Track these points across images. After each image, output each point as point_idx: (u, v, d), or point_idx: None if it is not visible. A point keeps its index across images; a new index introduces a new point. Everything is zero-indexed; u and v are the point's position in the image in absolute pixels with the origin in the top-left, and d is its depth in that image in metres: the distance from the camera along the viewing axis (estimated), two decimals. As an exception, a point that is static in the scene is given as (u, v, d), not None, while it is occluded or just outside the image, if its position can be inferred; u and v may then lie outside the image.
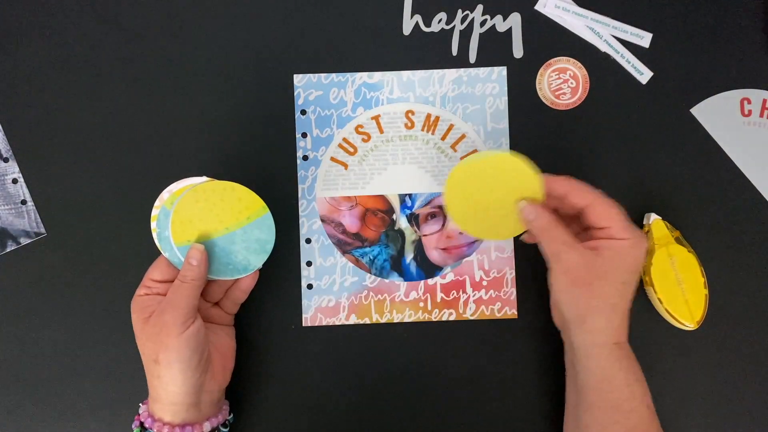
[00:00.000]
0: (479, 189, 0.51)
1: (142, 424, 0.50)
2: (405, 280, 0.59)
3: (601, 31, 0.59)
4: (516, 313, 0.58)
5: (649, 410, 0.50)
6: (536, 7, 0.60)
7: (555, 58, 0.59)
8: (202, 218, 0.51)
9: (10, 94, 0.59)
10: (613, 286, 0.49)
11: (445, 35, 0.60)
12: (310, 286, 0.59)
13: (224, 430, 0.53)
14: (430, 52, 0.59)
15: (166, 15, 0.59)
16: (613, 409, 0.50)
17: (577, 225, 0.52)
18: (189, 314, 0.49)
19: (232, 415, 0.55)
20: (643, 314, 0.58)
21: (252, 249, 0.53)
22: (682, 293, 0.55)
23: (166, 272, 0.52)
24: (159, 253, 0.53)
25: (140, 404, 0.52)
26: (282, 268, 0.58)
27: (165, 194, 0.52)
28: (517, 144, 0.59)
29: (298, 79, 0.59)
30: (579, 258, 0.49)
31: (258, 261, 0.53)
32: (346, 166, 0.59)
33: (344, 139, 0.59)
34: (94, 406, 0.58)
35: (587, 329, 0.50)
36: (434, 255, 0.59)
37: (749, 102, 0.59)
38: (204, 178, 0.52)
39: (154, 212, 0.52)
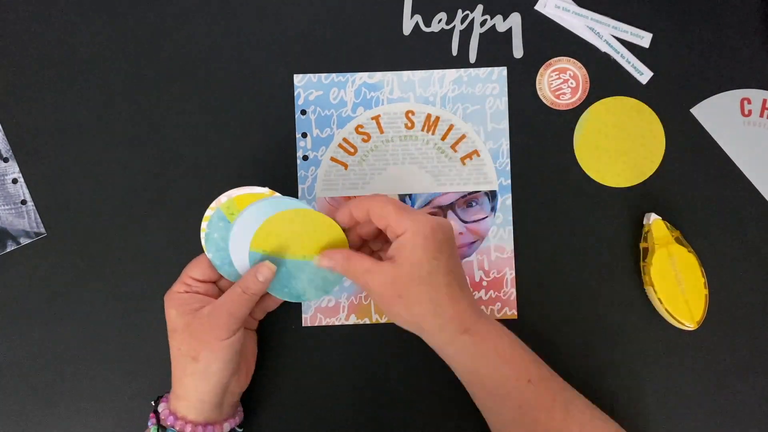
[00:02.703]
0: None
1: (158, 421, 0.50)
2: (405, 280, 0.59)
3: (601, 31, 0.59)
4: (516, 313, 0.58)
5: (532, 384, 0.48)
6: (536, 7, 0.60)
7: (555, 58, 0.59)
8: (288, 237, 0.51)
9: (10, 94, 0.59)
10: (421, 284, 0.47)
11: (445, 35, 0.60)
12: (310, 286, 0.59)
13: (239, 430, 0.53)
14: (430, 52, 0.59)
15: (165, 15, 0.59)
16: (491, 397, 0.50)
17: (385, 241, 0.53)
18: (240, 322, 0.49)
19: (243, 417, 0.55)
20: (643, 314, 0.58)
21: (314, 284, 0.53)
22: (682, 293, 0.55)
23: (207, 273, 0.52)
24: (197, 253, 0.53)
25: (153, 401, 0.52)
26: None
27: (223, 197, 0.51)
28: (517, 144, 0.59)
29: (298, 79, 0.59)
30: (381, 277, 0.48)
31: (314, 296, 0.54)
32: (346, 166, 0.59)
33: (344, 139, 0.59)
34: (95, 406, 0.58)
35: (427, 335, 0.49)
36: (434, 255, 0.59)
37: (749, 102, 0.59)
38: (266, 189, 0.51)
39: (208, 213, 0.52)
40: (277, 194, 0.51)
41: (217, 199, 0.52)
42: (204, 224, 0.52)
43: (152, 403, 0.52)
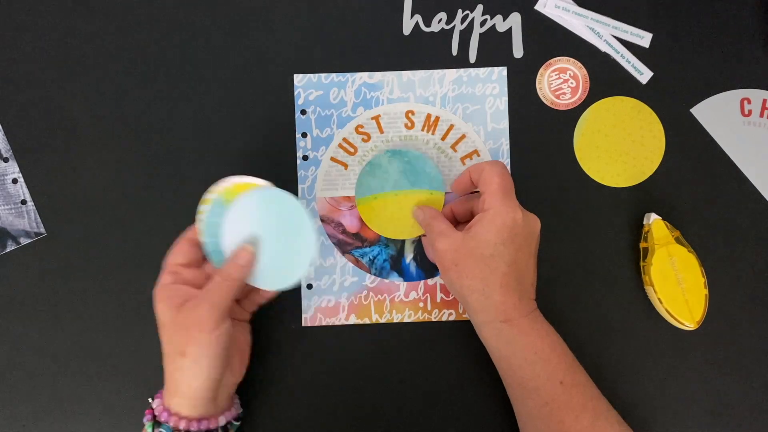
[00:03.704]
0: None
1: (155, 417, 0.50)
2: (405, 280, 0.59)
3: (601, 31, 0.59)
4: (516, 313, 0.58)
5: (563, 386, 0.49)
6: (536, 7, 0.60)
7: (555, 58, 0.59)
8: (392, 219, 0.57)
9: (10, 94, 0.59)
10: (480, 261, 0.49)
11: (445, 35, 0.60)
12: (310, 286, 0.59)
13: (236, 423, 0.53)
14: (430, 52, 0.59)
15: (166, 15, 0.59)
16: (520, 387, 0.50)
17: None
18: (224, 312, 0.48)
19: (241, 410, 0.54)
20: (643, 314, 0.58)
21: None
22: (682, 293, 0.55)
23: (190, 255, 0.51)
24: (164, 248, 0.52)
25: (150, 399, 0.52)
26: (282, 268, 0.58)
27: (223, 183, 0.51)
28: (517, 144, 0.59)
29: (298, 79, 0.59)
30: (448, 242, 0.50)
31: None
32: (346, 166, 0.59)
33: (344, 139, 0.59)
34: (95, 407, 0.58)
35: (470, 310, 0.51)
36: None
37: (749, 102, 0.59)
38: (267, 183, 0.52)
39: (208, 196, 0.51)
40: (274, 187, 0.52)
41: (216, 183, 0.52)
42: (202, 207, 0.52)
43: (149, 399, 0.52)
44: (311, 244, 0.51)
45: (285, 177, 0.59)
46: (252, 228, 0.51)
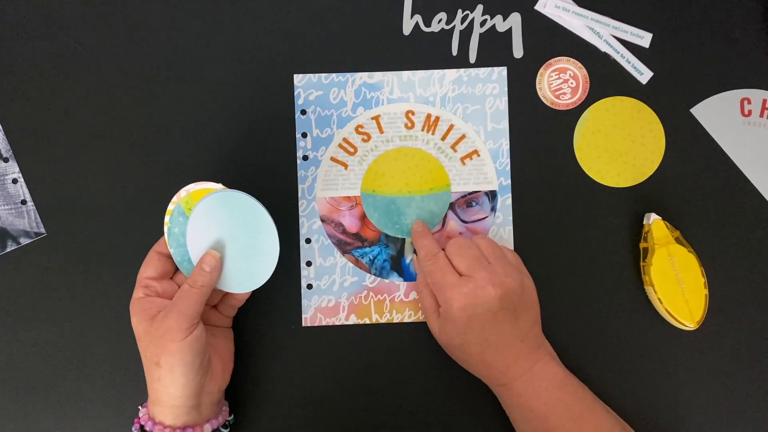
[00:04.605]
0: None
1: (142, 427, 0.50)
2: (405, 280, 0.59)
3: (601, 31, 0.59)
4: (516, 313, 0.58)
5: None
6: (536, 7, 0.60)
7: (555, 58, 0.59)
8: (394, 176, 0.58)
9: (10, 94, 0.59)
10: (455, 350, 0.53)
11: (445, 35, 0.60)
12: (309, 286, 0.59)
13: (224, 431, 0.53)
14: (430, 52, 0.59)
15: (166, 15, 0.59)
16: None
17: None
18: (193, 319, 0.49)
19: (232, 416, 0.55)
20: (643, 314, 0.58)
21: (421, 218, 0.58)
22: (682, 293, 0.55)
23: (160, 267, 0.52)
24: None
25: (139, 407, 0.52)
26: (282, 268, 0.58)
27: (182, 192, 0.52)
28: (517, 144, 0.59)
29: (298, 79, 0.59)
30: (432, 326, 0.55)
31: None
32: (346, 166, 0.59)
33: (344, 139, 0.59)
34: (95, 407, 0.58)
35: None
36: (434, 255, 0.59)
37: (749, 102, 0.59)
38: (219, 185, 0.52)
39: (170, 207, 0.52)
40: (228, 189, 0.52)
41: (177, 193, 0.52)
42: (167, 218, 0.52)
43: (139, 407, 0.52)
44: (274, 239, 0.51)
45: (285, 177, 0.59)
46: (214, 233, 0.51)
